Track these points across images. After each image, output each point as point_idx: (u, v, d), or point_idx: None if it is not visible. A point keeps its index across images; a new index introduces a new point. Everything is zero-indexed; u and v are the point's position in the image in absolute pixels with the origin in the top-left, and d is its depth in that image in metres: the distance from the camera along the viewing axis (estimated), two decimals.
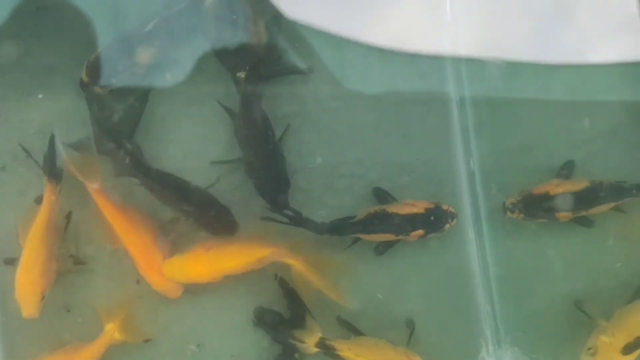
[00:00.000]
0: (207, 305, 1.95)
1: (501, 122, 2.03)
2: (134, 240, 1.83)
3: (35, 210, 1.81)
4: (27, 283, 1.78)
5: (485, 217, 2.02)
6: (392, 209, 1.92)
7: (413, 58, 1.99)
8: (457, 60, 2.00)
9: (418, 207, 1.91)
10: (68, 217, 1.88)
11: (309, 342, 1.87)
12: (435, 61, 1.99)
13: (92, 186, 1.82)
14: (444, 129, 2.01)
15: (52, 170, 1.82)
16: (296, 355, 1.91)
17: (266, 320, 1.93)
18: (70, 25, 1.89)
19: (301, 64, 1.94)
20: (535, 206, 1.93)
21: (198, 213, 1.86)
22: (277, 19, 1.89)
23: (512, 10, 2.03)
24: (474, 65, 2.00)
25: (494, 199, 2.00)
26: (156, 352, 1.93)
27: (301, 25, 1.92)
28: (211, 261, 1.85)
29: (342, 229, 1.91)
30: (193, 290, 1.90)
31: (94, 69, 1.83)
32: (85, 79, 1.84)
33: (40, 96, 1.92)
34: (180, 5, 1.85)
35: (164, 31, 1.85)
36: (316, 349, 1.86)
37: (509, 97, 2.02)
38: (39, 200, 1.83)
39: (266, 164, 1.88)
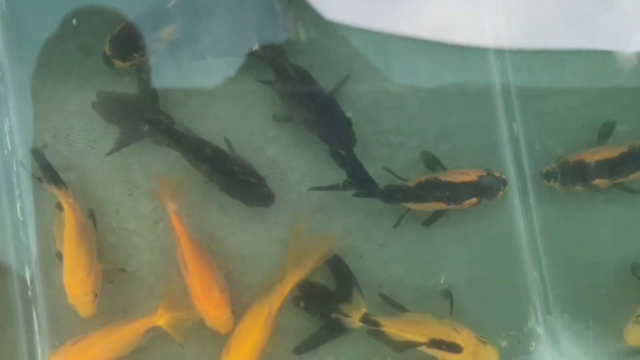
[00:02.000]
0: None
1: (544, 83, 2.00)
2: (197, 269, 1.80)
3: (60, 216, 1.82)
4: (76, 285, 1.78)
5: (531, 183, 1.99)
6: (444, 177, 1.89)
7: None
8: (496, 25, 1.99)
9: (471, 175, 1.88)
10: (91, 214, 1.88)
11: (355, 316, 1.83)
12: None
13: (172, 207, 1.81)
14: (484, 92, 1.98)
15: (54, 178, 1.83)
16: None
17: (312, 294, 1.87)
18: (104, 5, 1.91)
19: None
20: (571, 174, 1.91)
21: (232, 182, 1.84)
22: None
23: None
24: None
25: (539, 164, 1.97)
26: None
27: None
28: None
29: (396, 196, 1.87)
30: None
31: (116, 43, 1.85)
32: (107, 52, 1.86)
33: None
34: None
35: (185, 7, 1.85)
36: (360, 324, 1.83)
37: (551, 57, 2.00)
38: (59, 207, 1.83)
39: (323, 111, 1.86)
